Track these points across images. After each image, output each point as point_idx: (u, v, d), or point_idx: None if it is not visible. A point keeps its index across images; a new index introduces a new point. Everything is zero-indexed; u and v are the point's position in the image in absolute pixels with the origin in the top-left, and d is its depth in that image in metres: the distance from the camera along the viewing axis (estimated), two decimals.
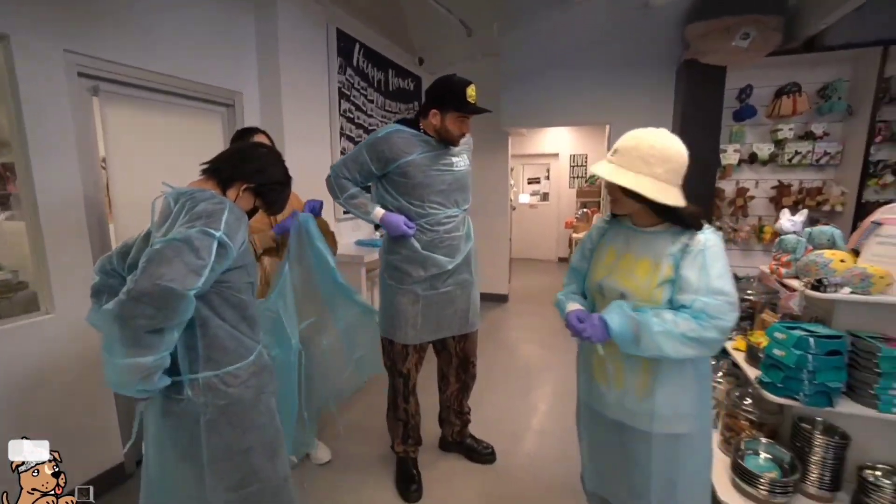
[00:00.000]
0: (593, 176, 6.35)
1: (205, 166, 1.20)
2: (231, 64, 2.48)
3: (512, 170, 6.93)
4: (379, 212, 1.78)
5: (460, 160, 1.83)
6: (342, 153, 3.28)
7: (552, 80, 3.80)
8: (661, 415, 1.15)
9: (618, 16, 3.50)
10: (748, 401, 1.86)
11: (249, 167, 1.18)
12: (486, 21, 3.96)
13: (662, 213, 1.11)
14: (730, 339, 2.14)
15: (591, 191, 5.97)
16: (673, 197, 1.04)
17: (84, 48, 1.81)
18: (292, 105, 2.73)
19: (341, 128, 3.25)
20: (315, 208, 1.80)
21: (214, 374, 1.06)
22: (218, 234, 0.97)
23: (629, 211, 1.16)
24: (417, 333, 1.84)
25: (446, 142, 1.76)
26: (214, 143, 2.47)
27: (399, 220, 1.74)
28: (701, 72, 3.12)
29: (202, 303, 1.02)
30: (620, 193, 1.10)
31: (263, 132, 1.84)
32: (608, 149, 3.81)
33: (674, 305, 1.10)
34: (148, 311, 0.88)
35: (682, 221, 1.11)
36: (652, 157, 1.04)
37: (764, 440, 1.71)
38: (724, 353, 2.25)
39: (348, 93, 3.29)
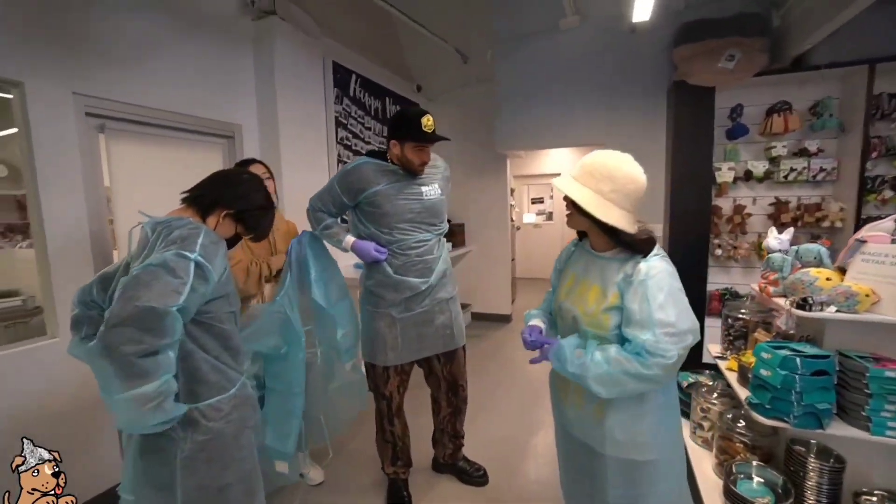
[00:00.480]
0: None
1: (185, 195, 1.19)
2: (230, 97, 2.61)
3: (513, 190, 7.00)
4: (349, 240, 1.84)
5: (430, 189, 1.87)
6: None
7: (545, 104, 3.88)
8: (615, 439, 1.15)
9: (607, 40, 3.59)
10: (741, 423, 1.82)
11: (229, 193, 1.18)
12: (480, 48, 4.10)
13: (611, 237, 1.11)
14: (722, 358, 2.11)
15: None
16: (615, 217, 1.06)
17: (91, 90, 1.93)
18: (290, 135, 2.84)
19: (339, 155, 3.36)
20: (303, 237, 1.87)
21: (195, 407, 1.03)
22: (193, 255, 0.97)
23: (580, 227, 1.18)
24: (397, 355, 1.87)
25: (410, 172, 1.82)
26: None
27: (369, 246, 1.79)
28: (690, 92, 3.17)
29: (184, 335, 0.99)
30: (573, 208, 1.13)
31: (261, 163, 1.93)
32: None
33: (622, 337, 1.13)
34: (132, 335, 0.86)
35: (630, 247, 1.10)
36: (599, 174, 1.08)
37: (756, 464, 1.67)
38: (718, 373, 2.22)
39: (345, 121, 3.41)
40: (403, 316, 1.86)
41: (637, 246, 1.10)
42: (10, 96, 1.74)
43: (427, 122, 1.71)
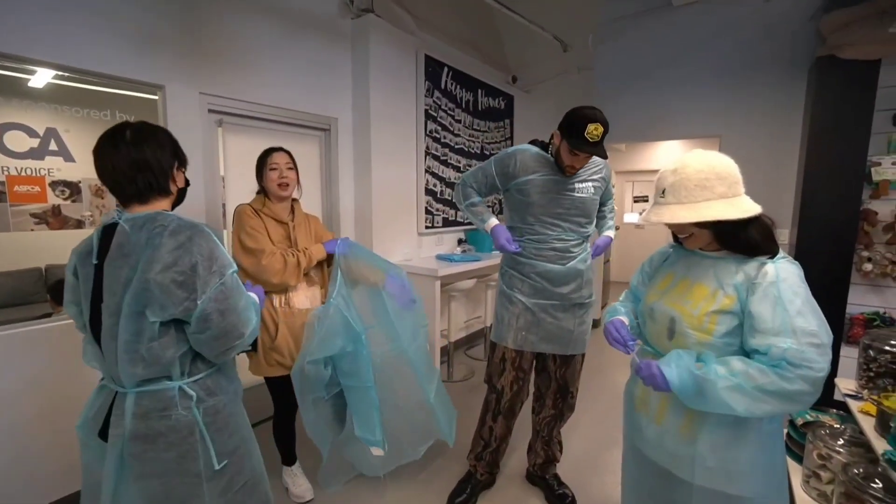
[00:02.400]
0: None
1: (133, 192, 1.04)
2: (328, 92, 2.81)
3: (613, 186, 6.50)
4: (492, 222, 1.83)
5: (583, 186, 1.77)
6: (426, 171, 3.45)
7: (651, 92, 3.51)
8: (705, 465, 0.99)
9: (731, 14, 3.11)
10: (877, 483, 1.45)
11: (161, 161, 1.06)
12: (581, 34, 3.85)
13: (726, 242, 1.00)
14: (855, 397, 1.71)
15: None
16: (746, 207, 0.95)
17: (213, 90, 2.22)
18: (381, 127, 2.97)
19: (427, 147, 3.42)
20: (336, 244, 1.82)
21: (197, 380, 1.06)
22: (230, 269, 1.03)
23: (704, 244, 1.05)
24: (516, 338, 1.82)
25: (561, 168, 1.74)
26: (313, 162, 2.81)
27: (503, 234, 1.77)
28: (842, 69, 2.60)
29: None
30: (693, 228, 1.01)
31: (286, 151, 1.87)
32: None
33: (746, 351, 0.97)
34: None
35: (748, 248, 0.98)
36: (708, 182, 0.96)
37: None
38: (848, 415, 1.81)
39: (435, 114, 3.46)
40: (532, 302, 1.80)
41: (762, 246, 0.97)
42: (156, 97, 2.08)
43: (594, 130, 1.57)
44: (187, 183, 1.18)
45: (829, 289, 2.72)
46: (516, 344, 1.83)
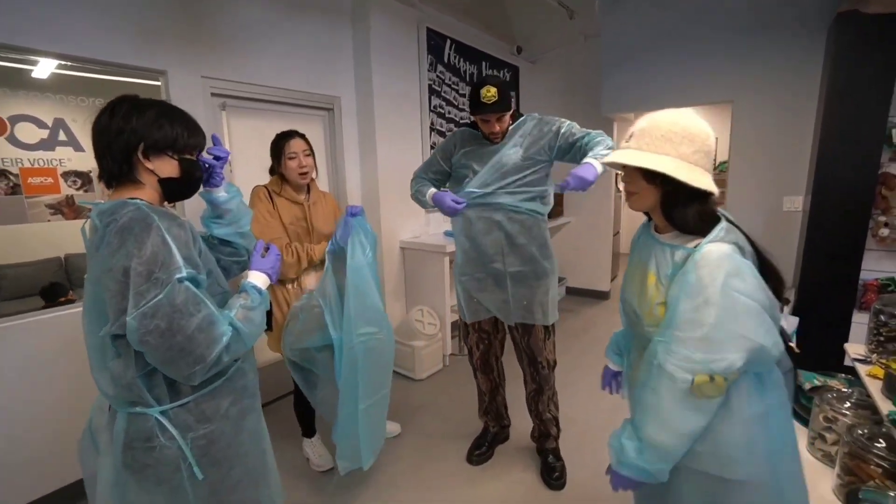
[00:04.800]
0: (724, 163, 5.48)
1: (104, 176, 0.92)
2: (330, 72, 2.78)
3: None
4: (431, 191, 1.90)
5: (512, 151, 1.78)
6: (432, 147, 3.43)
7: (660, 57, 3.39)
8: (695, 450, 0.93)
9: None
10: (881, 443, 1.47)
11: (129, 138, 0.89)
12: (587, 0, 3.71)
13: (668, 211, 0.93)
14: (864, 361, 1.71)
15: (718, 180, 5.14)
16: (707, 182, 0.88)
17: (215, 73, 2.22)
18: (384, 104, 2.94)
19: (431, 123, 3.39)
20: (356, 213, 1.72)
21: (183, 405, 0.90)
22: (180, 273, 0.83)
23: (648, 206, 0.97)
24: (467, 313, 1.97)
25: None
26: (317, 143, 2.80)
27: (445, 196, 1.81)
28: (865, 25, 2.48)
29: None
30: (642, 181, 0.93)
31: (302, 137, 1.87)
32: (731, 130, 3.28)
33: None
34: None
35: (682, 225, 0.92)
36: (676, 136, 0.88)
37: (894, 493, 1.35)
38: (856, 379, 1.82)
39: (439, 89, 3.41)
40: (463, 279, 1.93)
41: (694, 228, 0.90)
42: (159, 83, 2.09)
43: (487, 92, 1.65)
44: (185, 175, 0.96)
45: (843, 255, 2.68)
46: (470, 318, 1.97)
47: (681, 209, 0.90)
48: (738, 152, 3.28)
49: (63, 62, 1.76)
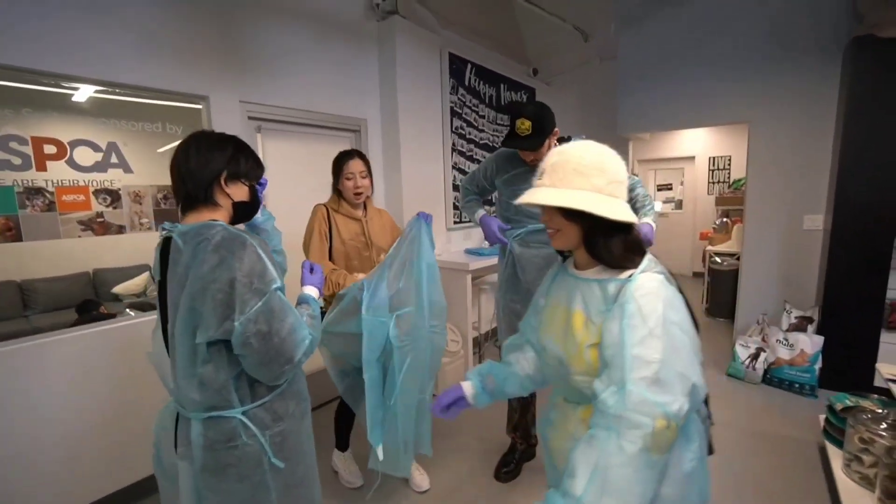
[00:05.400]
0: (738, 180, 5.51)
1: (182, 200, 1.03)
2: (357, 94, 2.89)
3: (636, 175, 6.43)
4: (480, 213, 1.98)
5: None
6: (453, 167, 3.51)
7: (676, 79, 3.46)
8: None
9: None
10: None
11: (206, 169, 1.01)
12: (602, 23, 3.83)
13: (591, 246, 0.87)
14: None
15: (733, 198, 5.16)
16: (623, 212, 0.83)
17: (251, 97, 2.32)
18: (408, 127, 3.04)
19: (453, 144, 3.48)
20: (428, 219, 1.78)
21: (262, 405, 1.00)
22: (274, 285, 0.94)
23: (573, 243, 0.90)
24: (503, 335, 2.02)
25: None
26: None
27: (492, 223, 1.85)
28: (882, 48, 2.54)
29: None
30: (562, 219, 0.87)
31: (361, 157, 1.90)
32: (748, 150, 3.32)
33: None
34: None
35: (608, 259, 0.86)
36: (586, 168, 0.83)
37: None
38: (890, 399, 1.81)
39: (460, 111, 3.51)
40: (506, 301, 1.99)
41: (620, 261, 0.85)
42: (200, 107, 2.20)
43: (521, 125, 1.62)
44: (253, 199, 1.10)
45: (867, 274, 2.68)
46: (501, 341, 1.95)
47: (604, 243, 0.85)
48: (756, 172, 3.31)
49: (112, 89, 1.87)
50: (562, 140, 1.87)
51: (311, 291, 1.17)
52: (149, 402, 1.61)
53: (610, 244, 0.84)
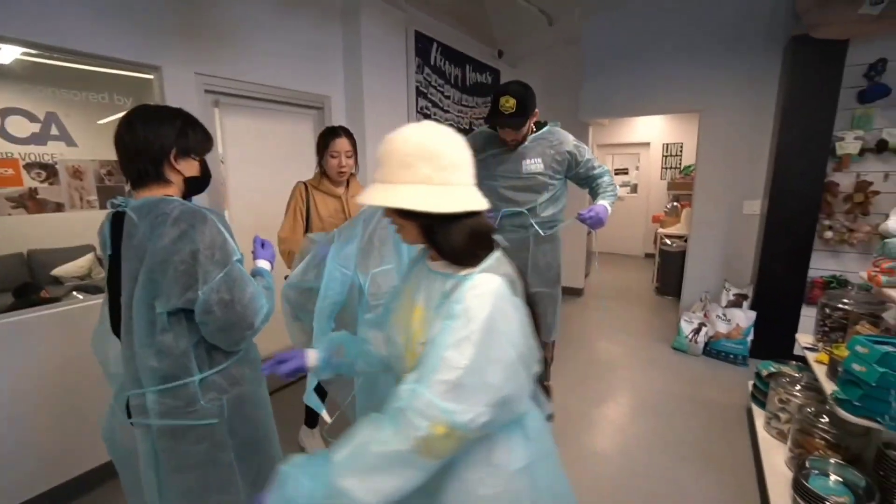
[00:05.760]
0: (689, 167, 5.83)
1: (132, 177, 1.03)
2: (320, 71, 2.81)
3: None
4: None
5: (530, 162, 1.87)
6: None
7: (637, 67, 3.60)
8: None
9: None
10: (825, 419, 1.69)
11: (154, 147, 1.00)
12: (568, 7, 3.88)
13: (435, 246, 0.80)
14: (812, 349, 1.94)
15: (683, 183, 5.48)
16: (456, 201, 0.75)
17: (208, 70, 2.22)
18: (373, 105, 3.00)
19: None
20: None
21: (219, 371, 1.04)
22: (236, 256, 1.00)
23: (416, 240, 0.83)
24: None
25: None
26: (307, 141, 2.83)
27: None
28: (814, 48, 2.75)
29: None
30: (397, 217, 0.81)
31: (347, 135, 1.90)
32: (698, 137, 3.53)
33: None
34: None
35: (448, 253, 0.78)
36: (410, 158, 0.75)
37: (835, 461, 1.56)
38: (805, 365, 2.05)
39: (425, 90, 3.49)
40: None
41: (461, 254, 0.77)
42: (152, 77, 2.07)
43: (506, 103, 1.65)
44: (203, 174, 1.11)
45: (794, 255, 2.96)
46: None
47: (443, 236, 0.76)
48: (704, 158, 3.53)
49: (55, 54, 1.73)
50: (538, 124, 1.93)
51: (264, 265, 1.22)
52: (97, 391, 1.57)
53: (449, 237, 0.76)
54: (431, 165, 0.75)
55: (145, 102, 1.08)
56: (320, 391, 2.02)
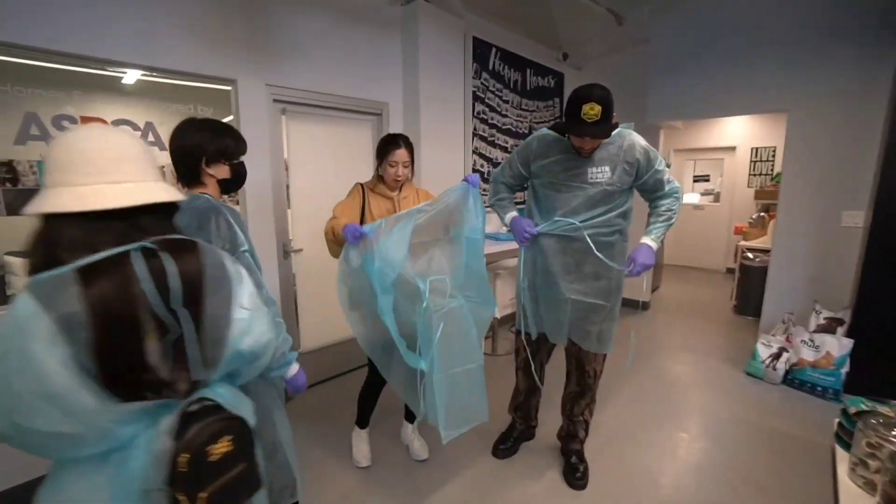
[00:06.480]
0: (781, 173, 5.21)
1: (180, 178, 1.21)
2: (380, 78, 2.95)
3: (669, 166, 6.19)
4: (510, 215, 1.91)
5: (597, 171, 1.69)
6: (474, 152, 3.53)
7: (710, 65, 3.32)
8: None
9: None
10: None
11: (189, 154, 1.18)
12: (636, 4, 3.69)
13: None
14: None
15: (773, 191, 4.89)
16: (41, 203, 0.66)
17: (276, 81, 2.43)
18: (430, 111, 3.07)
19: (474, 128, 3.49)
20: (475, 183, 1.69)
21: None
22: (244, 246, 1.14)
23: None
24: (522, 325, 2.01)
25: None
26: (366, 145, 2.98)
27: (521, 225, 1.80)
28: None
29: None
30: None
31: (405, 145, 1.92)
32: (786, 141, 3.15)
33: None
34: None
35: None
36: (68, 166, 0.69)
37: None
38: None
39: (482, 95, 3.51)
40: (530, 294, 1.93)
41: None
42: (229, 89, 2.32)
43: (590, 110, 1.46)
44: (235, 175, 1.25)
45: None
46: (525, 328, 1.98)
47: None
48: (792, 163, 3.15)
49: (151, 73, 2.01)
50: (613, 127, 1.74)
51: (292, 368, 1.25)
52: None
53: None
54: (90, 167, 0.69)
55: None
56: (373, 394, 2.07)
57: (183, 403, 0.68)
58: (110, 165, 0.70)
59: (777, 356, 2.90)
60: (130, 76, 2.09)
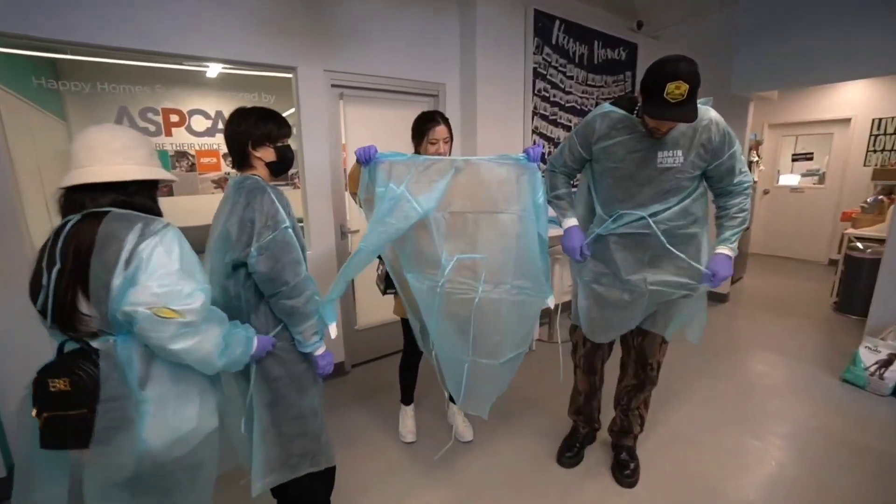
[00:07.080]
0: None
1: (234, 162, 1.32)
2: (436, 59, 2.91)
3: (760, 143, 5.49)
4: (569, 221, 1.70)
5: (668, 154, 1.50)
6: (534, 131, 3.38)
7: (808, 25, 2.83)
8: None
9: None
10: None
11: (236, 140, 1.27)
12: None
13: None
14: None
15: (894, 171, 4.13)
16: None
17: (334, 66, 2.50)
18: (487, 90, 2.98)
19: (535, 107, 3.34)
20: (537, 155, 1.53)
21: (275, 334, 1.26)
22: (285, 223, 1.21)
23: None
24: (583, 322, 1.83)
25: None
26: None
27: (577, 238, 1.65)
28: None
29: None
30: None
31: (442, 116, 1.87)
32: None
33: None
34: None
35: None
36: (100, 150, 0.98)
37: None
38: None
39: (544, 72, 3.33)
40: (592, 288, 1.73)
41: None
42: (290, 76, 2.43)
43: (675, 90, 1.27)
44: (281, 157, 1.31)
45: None
46: (581, 324, 1.82)
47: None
48: None
49: (225, 65, 2.17)
50: None
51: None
52: None
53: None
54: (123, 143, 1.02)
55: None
56: (410, 370, 2.12)
57: (71, 342, 0.92)
58: (80, 153, 0.97)
59: (886, 363, 2.50)
60: (213, 70, 2.26)
